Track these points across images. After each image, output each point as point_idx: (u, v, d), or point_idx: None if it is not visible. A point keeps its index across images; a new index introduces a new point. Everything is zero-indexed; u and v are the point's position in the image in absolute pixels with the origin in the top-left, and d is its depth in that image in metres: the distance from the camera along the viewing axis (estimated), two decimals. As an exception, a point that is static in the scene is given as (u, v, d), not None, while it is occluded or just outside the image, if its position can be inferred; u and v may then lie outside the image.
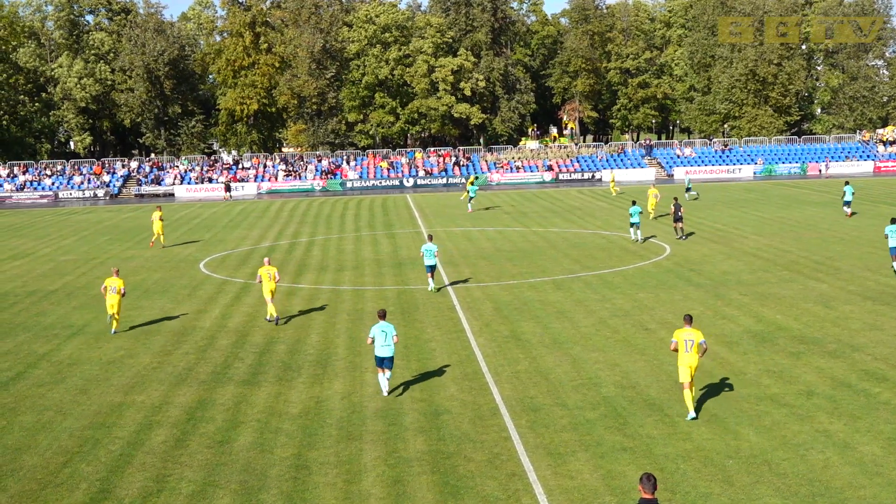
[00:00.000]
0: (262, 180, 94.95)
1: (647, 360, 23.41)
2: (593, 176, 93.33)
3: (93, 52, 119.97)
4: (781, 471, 16.30)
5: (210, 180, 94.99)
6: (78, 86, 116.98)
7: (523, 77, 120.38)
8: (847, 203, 53.07)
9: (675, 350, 19.36)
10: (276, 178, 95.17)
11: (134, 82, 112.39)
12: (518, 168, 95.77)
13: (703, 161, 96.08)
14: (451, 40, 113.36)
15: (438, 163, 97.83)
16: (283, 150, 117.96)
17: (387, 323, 21.44)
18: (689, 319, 19.69)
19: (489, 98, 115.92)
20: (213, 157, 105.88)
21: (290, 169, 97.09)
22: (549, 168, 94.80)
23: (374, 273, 39.00)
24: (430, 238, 35.41)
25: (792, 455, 16.99)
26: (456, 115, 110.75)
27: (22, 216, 74.31)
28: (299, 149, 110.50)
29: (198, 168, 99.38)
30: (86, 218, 70.76)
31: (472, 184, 66.50)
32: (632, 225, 45.24)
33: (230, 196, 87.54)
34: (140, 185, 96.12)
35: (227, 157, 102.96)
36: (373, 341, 21.22)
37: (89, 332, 29.02)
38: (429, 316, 29.75)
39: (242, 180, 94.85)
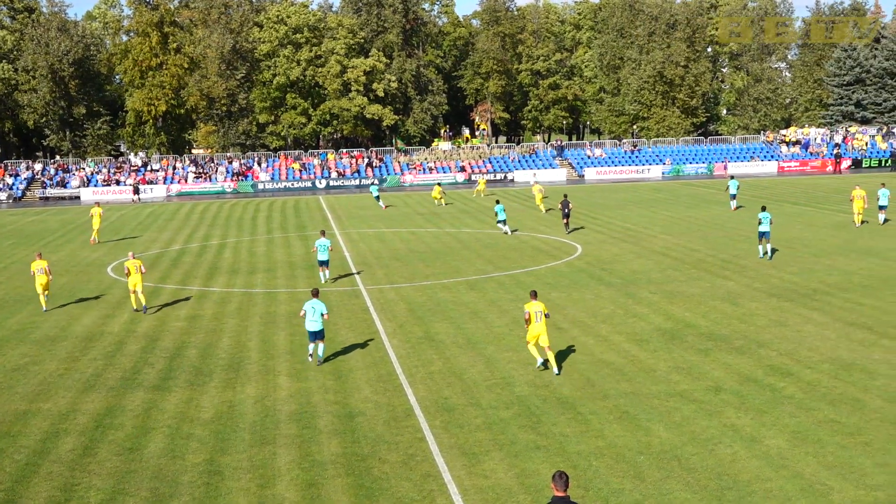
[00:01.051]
0: (172, 182, 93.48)
1: (560, 358, 23.64)
2: (505, 177, 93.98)
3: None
4: (691, 465, 16.62)
5: (118, 182, 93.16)
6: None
7: (435, 78, 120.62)
8: (733, 196, 55.82)
9: (528, 320, 22.54)
10: (186, 181, 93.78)
11: (37, 82, 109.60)
12: (431, 169, 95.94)
13: (612, 162, 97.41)
14: (362, 41, 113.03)
15: (351, 164, 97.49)
16: (193, 151, 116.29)
17: (318, 301, 23.92)
18: (534, 294, 23.33)
19: (401, 99, 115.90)
20: (120, 159, 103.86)
21: (201, 171, 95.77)
22: (462, 169, 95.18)
23: (286, 275, 38.70)
24: (323, 233, 37.69)
25: (701, 450, 17.34)
26: (368, 116, 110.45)
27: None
28: (209, 150, 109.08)
29: (105, 170, 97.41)
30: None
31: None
32: (499, 222, 49.38)
33: (139, 199, 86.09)
34: (45, 187, 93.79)
35: (135, 159, 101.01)
36: (304, 315, 23.71)
37: (-8, 339, 28.25)
38: (342, 318, 29.64)
39: (151, 182, 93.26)
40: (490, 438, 18.27)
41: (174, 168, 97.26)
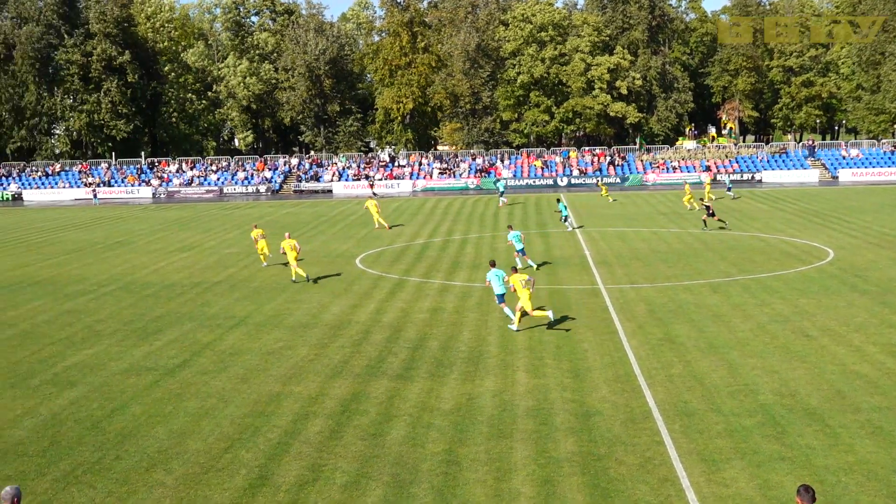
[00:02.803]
0: (417, 178, 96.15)
1: (808, 367, 22.63)
2: (753, 177, 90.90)
3: (257, 52, 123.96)
4: (952, 488, 15.52)
5: (366, 177, 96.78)
6: (242, 85, 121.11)
7: (681, 76, 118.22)
8: None
9: (515, 290, 27.13)
10: (431, 176, 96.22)
11: (295, 81, 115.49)
12: (674, 168, 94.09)
13: (870, 163, 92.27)
14: (607, 38, 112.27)
15: (593, 162, 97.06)
16: (438, 148, 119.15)
17: (498, 269, 29.01)
18: (514, 269, 28.70)
19: (645, 97, 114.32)
20: (369, 155, 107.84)
21: (445, 167, 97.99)
22: (707, 168, 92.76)
23: (526, 272, 38.89)
24: (511, 227, 42.08)
25: (963, 472, 16.14)
26: (611, 114, 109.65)
27: (189, 210, 77.41)
28: (454, 147, 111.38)
29: (355, 165, 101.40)
30: (248, 213, 73.15)
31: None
32: (565, 219, 52.58)
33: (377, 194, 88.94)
34: (300, 181, 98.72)
35: (383, 155, 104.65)
36: (490, 284, 28.66)
37: (250, 324, 29.98)
38: (581, 316, 29.55)
39: (398, 178, 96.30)
40: (731, 446, 17.72)
41: (420, 164, 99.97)
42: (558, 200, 58.93)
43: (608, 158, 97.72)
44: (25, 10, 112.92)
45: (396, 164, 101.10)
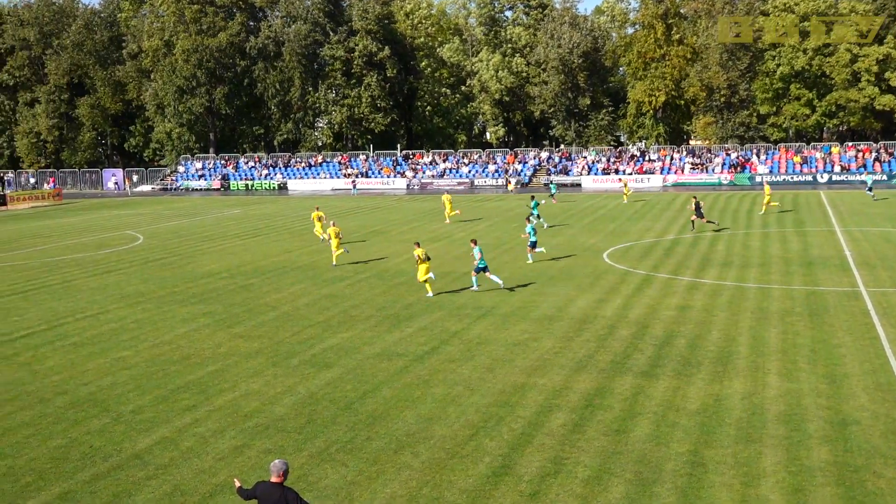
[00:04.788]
0: (668, 173, 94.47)
1: None
2: None
3: (510, 46, 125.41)
4: None
5: (616, 172, 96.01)
6: (494, 78, 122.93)
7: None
8: None
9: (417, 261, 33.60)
10: (682, 171, 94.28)
11: (548, 75, 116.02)
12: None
13: None
14: (877, 27, 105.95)
15: (857, 158, 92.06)
16: (691, 142, 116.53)
17: (477, 247, 34.62)
18: (417, 244, 34.94)
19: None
20: (619, 149, 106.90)
21: (697, 162, 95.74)
22: None
23: (781, 272, 37.49)
24: (532, 198, 47.72)
25: None
26: (878, 107, 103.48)
27: (440, 202, 79.26)
28: (707, 142, 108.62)
29: (604, 159, 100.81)
30: (497, 205, 74.23)
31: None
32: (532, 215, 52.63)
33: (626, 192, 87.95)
34: (549, 174, 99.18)
35: (633, 149, 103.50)
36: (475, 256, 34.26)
37: (497, 314, 30.43)
38: (840, 320, 28.14)
39: (648, 172, 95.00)
40: None
41: (671, 158, 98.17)
42: (532, 198, 60.61)
43: (874, 154, 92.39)
44: (294, 9, 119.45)
45: (647, 158, 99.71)
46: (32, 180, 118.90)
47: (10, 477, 17.39)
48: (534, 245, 41.23)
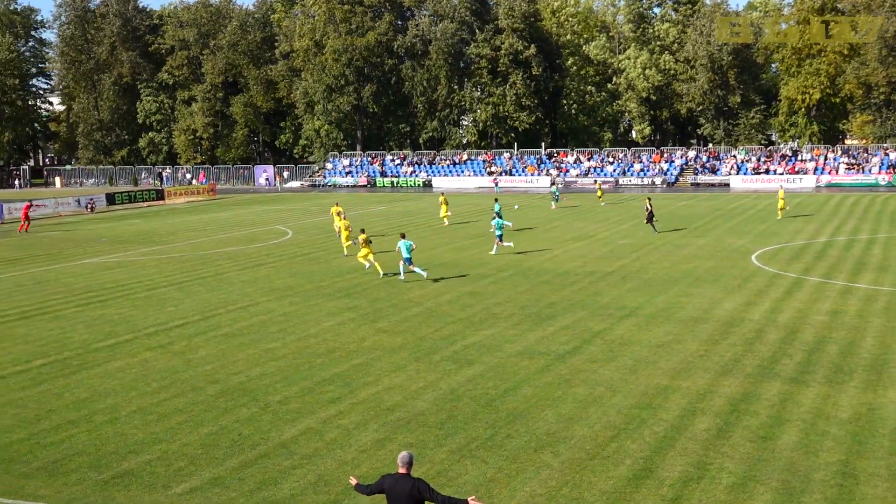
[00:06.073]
0: (822, 173, 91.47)
1: None
2: None
3: (658, 43, 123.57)
4: None
5: (767, 171, 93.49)
6: (641, 76, 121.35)
7: None
8: None
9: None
10: (837, 171, 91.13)
11: (695, 72, 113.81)
12: None
13: None
14: None
15: None
16: (846, 142, 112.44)
17: (406, 240, 37.27)
18: (362, 231, 40.20)
19: None
20: (769, 149, 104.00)
21: (853, 162, 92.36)
22: None
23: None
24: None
25: None
26: None
27: (583, 200, 78.70)
28: (864, 141, 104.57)
29: (754, 159, 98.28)
30: (642, 205, 73.17)
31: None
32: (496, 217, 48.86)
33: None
34: (696, 174, 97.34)
35: (784, 149, 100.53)
36: (399, 250, 37.21)
37: (641, 315, 30.05)
38: None
39: (800, 172, 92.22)
40: None
41: (825, 158, 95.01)
42: (496, 200, 59.13)
43: None
44: (441, 8, 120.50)
45: (799, 157, 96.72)
46: (189, 176, 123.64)
47: (163, 461, 18.12)
48: (500, 237, 45.54)
